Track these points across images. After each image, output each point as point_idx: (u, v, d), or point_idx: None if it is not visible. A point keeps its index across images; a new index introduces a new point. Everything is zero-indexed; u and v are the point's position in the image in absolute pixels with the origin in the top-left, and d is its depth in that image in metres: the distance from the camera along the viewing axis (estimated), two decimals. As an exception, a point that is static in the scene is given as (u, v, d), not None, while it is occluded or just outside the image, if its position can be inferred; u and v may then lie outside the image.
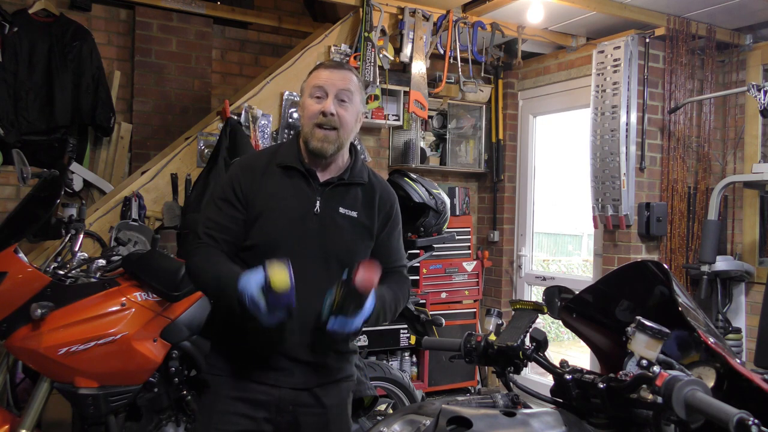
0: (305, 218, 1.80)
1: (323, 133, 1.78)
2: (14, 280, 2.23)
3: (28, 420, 2.28)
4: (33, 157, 3.51)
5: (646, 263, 1.46)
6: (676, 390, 1.12)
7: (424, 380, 4.68)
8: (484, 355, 1.57)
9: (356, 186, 1.88)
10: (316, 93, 1.80)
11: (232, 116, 3.51)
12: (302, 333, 1.75)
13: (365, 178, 1.90)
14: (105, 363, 2.27)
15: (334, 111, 1.77)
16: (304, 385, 1.80)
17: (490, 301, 5.24)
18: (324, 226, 1.80)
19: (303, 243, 1.78)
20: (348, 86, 1.80)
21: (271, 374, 1.79)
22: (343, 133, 1.80)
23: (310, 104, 1.80)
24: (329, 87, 1.79)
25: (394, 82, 4.37)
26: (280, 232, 1.78)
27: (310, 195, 1.82)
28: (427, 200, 4.02)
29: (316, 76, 1.82)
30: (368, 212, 1.87)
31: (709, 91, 4.29)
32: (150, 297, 2.41)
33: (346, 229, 1.83)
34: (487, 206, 5.35)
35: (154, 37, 4.30)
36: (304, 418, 1.81)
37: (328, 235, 1.80)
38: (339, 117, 1.78)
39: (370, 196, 1.89)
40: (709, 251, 3.90)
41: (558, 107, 4.95)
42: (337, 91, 1.79)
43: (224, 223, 1.81)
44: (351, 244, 1.83)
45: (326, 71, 1.81)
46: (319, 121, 1.78)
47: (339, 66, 1.86)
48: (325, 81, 1.79)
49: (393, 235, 1.95)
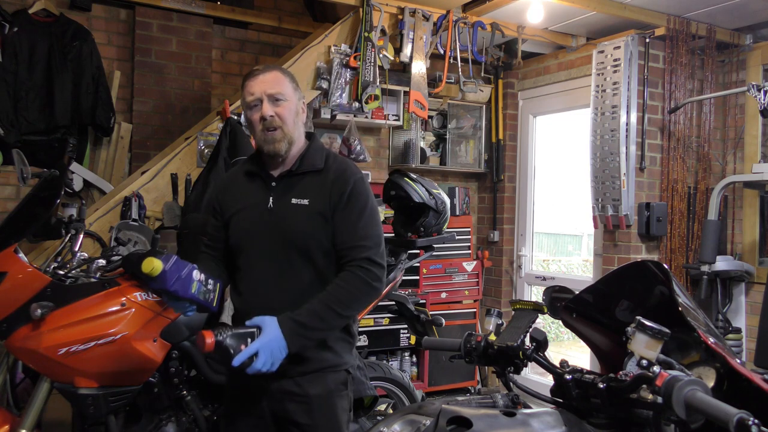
0: (262, 214, 1.93)
1: (269, 135, 1.91)
2: (14, 280, 2.23)
3: (28, 420, 2.28)
4: (33, 157, 3.50)
5: (646, 263, 1.46)
6: (676, 390, 1.12)
7: (424, 380, 4.68)
8: (484, 355, 1.57)
9: (310, 174, 1.95)
10: (252, 103, 1.92)
11: (232, 116, 3.51)
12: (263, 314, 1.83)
13: (319, 165, 1.95)
14: (105, 363, 2.27)
15: (272, 113, 1.89)
16: (284, 374, 1.84)
17: (490, 301, 5.24)
18: (278, 219, 1.91)
19: (264, 236, 1.92)
20: (275, 86, 1.91)
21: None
22: (287, 129, 1.91)
23: (250, 116, 1.93)
24: (260, 93, 1.90)
25: (394, 82, 4.37)
26: (243, 231, 1.97)
27: (264, 192, 1.95)
28: (427, 200, 4.01)
29: (246, 89, 1.94)
30: (321, 197, 1.91)
31: (709, 91, 4.29)
32: (150, 297, 2.41)
33: (298, 216, 1.90)
34: (487, 206, 5.35)
35: (154, 37, 4.30)
36: (290, 406, 1.89)
37: (283, 227, 1.90)
38: (278, 115, 1.90)
39: (323, 180, 1.94)
40: (709, 251, 3.90)
41: (558, 107, 4.95)
42: (268, 95, 1.90)
43: (215, 234, 2.06)
44: (305, 230, 1.90)
45: (252, 81, 1.93)
46: (262, 126, 1.91)
47: (262, 70, 1.94)
48: (254, 89, 1.91)
49: (346, 215, 1.91)
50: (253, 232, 1.94)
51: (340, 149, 4.40)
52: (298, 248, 1.89)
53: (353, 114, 4.27)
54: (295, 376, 1.88)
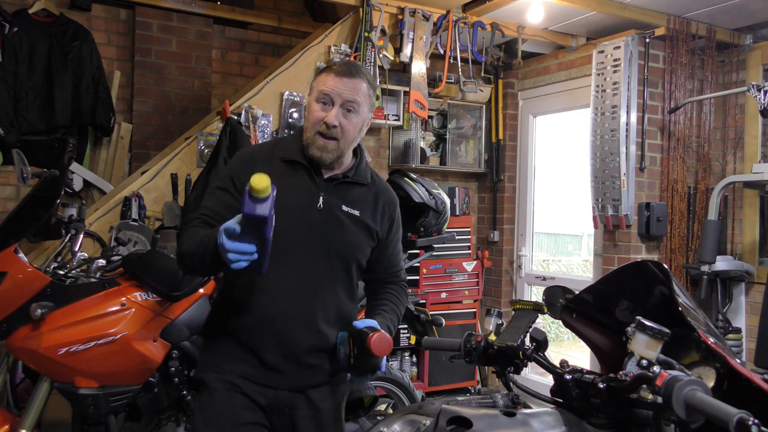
0: (307, 212, 1.77)
1: (323, 141, 1.74)
2: (14, 280, 2.23)
3: (28, 420, 2.28)
4: (33, 157, 3.51)
5: (646, 263, 1.46)
6: (676, 390, 1.12)
7: (424, 380, 4.68)
8: (484, 355, 1.57)
9: (359, 186, 1.85)
10: (322, 98, 1.75)
11: (232, 116, 3.51)
12: (300, 331, 1.74)
13: (368, 179, 1.88)
14: (105, 363, 2.27)
15: (337, 123, 1.73)
16: (298, 386, 1.77)
17: (490, 301, 5.24)
18: (326, 222, 1.77)
19: (305, 237, 1.75)
20: (355, 97, 1.74)
21: (266, 374, 1.75)
22: (343, 143, 1.76)
23: (315, 110, 1.75)
24: (335, 96, 1.73)
25: (394, 82, 4.36)
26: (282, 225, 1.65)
27: (314, 190, 1.79)
28: (427, 200, 4.02)
29: (325, 81, 1.75)
30: (371, 213, 1.85)
31: (709, 91, 4.29)
32: (150, 297, 2.41)
33: (348, 226, 1.80)
34: (487, 206, 5.35)
35: (154, 37, 4.30)
36: (300, 422, 1.78)
37: (331, 231, 1.78)
38: (341, 128, 1.74)
39: (373, 197, 1.87)
40: (709, 251, 3.90)
41: (558, 107, 4.95)
42: (343, 101, 1.73)
43: (219, 210, 1.74)
44: (353, 242, 1.82)
45: (335, 79, 1.74)
46: (321, 129, 1.74)
47: (349, 73, 1.76)
48: (332, 89, 1.73)
49: (395, 240, 1.95)
50: (294, 228, 1.74)
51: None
52: (341, 257, 1.80)
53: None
54: (307, 389, 1.79)
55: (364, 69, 1.83)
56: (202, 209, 1.80)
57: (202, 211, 1.79)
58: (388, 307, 1.88)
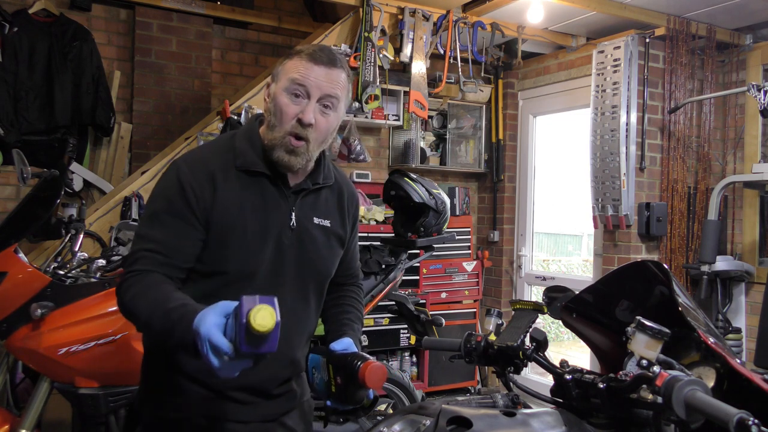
0: (281, 235, 1.48)
1: (292, 142, 1.43)
2: (14, 280, 2.23)
3: (28, 420, 2.28)
4: (33, 157, 3.51)
5: (646, 263, 1.46)
6: (676, 390, 1.12)
7: (424, 380, 4.68)
8: (484, 355, 1.57)
9: (325, 189, 1.59)
10: (294, 89, 1.43)
11: (232, 116, 3.51)
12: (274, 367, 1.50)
13: (332, 178, 1.61)
14: (105, 363, 2.27)
15: (313, 121, 1.43)
16: (272, 416, 1.56)
17: (490, 301, 5.24)
18: (301, 241, 1.51)
19: (281, 264, 1.49)
20: (335, 91, 1.45)
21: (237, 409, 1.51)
22: (312, 146, 1.46)
23: (284, 103, 1.43)
24: (312, 88, 1.43)
25: (394, 82, 4.37)
26: (254, 254, 1.44)
27: (284, 206, 1.49)
28: (427, 200, 4.01)
29: (297, 68, 1.43)
30: (339, 219, 1.61)
31: (709, 91, 4.29)
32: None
33: (321, 241, 1.55)
34: (487, 206, 5.35)
35: (154, 37, 4.30)
36: None
37: (305, 251, 1.52)
38: (316, 127, 1.44)
39: (339, 197, 1.62)
40: (709, 251, 3.90)
41: (558, 107, 4.95)
42: (322, 94, 1.43)
43: (173, 243, 1.40)
44: (326, 257, 1.58)
45: (312, 66, 1.43)
46: (293, 129, 1.43)
47: (329, 62, 1.45)
48: (308, 78, 1.42)
49: (356, 241, 1.73)
50: (269, 257, 1.47)
51: (340, 149, 4.40)
52: (316, 278, 1.57)
53: (353, 114, 4.28)
54: (279, 416, 1.58)
55: (342, 57, 1.51)
56: (146, 242, 1.40)
57: (147, 245, 1.40)
58: (353, 315, 1.67)
